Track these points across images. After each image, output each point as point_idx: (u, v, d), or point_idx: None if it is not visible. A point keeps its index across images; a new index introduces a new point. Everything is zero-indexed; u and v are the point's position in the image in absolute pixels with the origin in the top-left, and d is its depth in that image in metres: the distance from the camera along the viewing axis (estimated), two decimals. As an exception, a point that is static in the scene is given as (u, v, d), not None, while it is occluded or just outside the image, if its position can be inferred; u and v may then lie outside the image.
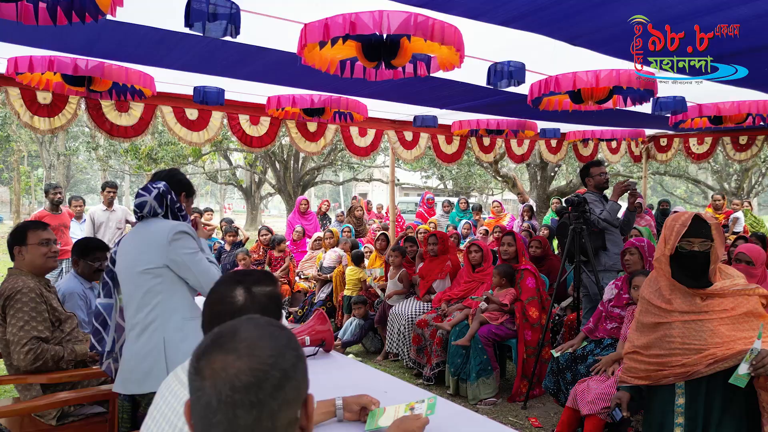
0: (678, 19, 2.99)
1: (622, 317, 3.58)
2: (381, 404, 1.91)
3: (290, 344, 0.88)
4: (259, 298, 1.44)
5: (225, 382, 0.81)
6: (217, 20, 2.70)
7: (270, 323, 0.91)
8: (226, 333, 0.88)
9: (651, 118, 5.65)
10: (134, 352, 2.26)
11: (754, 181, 17.64)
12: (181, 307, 2.30)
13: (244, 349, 0.84)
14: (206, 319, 1.43)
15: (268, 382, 0.82)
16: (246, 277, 1.50)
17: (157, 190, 2.34)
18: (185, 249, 2.27)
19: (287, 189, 16.68)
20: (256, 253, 6.90)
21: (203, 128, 5.36)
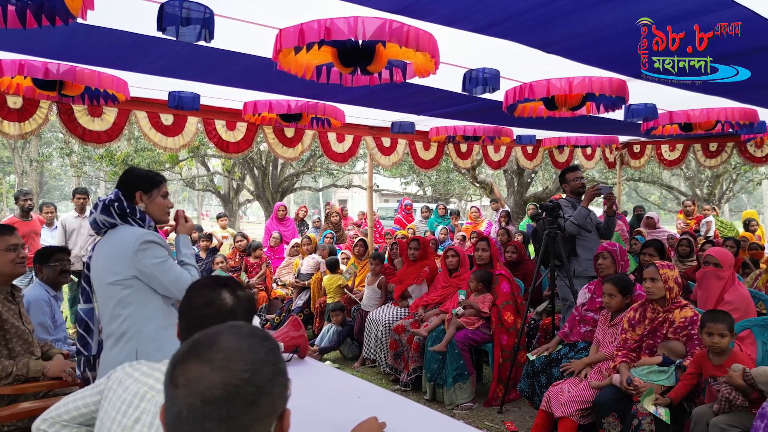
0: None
1: (596, 321, 3.63)
2: (353, 410, 1.91)
3: (269, 358, 0.86)
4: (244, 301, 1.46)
5: (197, 393, 0.80)
6: (191, 24, 2.68)
7: (252, 333, 0.89)
8: (205, 341, 0.86)
9: (624, 124, 5.75)
10: (108, 361, 2.23)
11: (725, 187, 18.04)
12: (154, 316, 2.26)
13: (220, 360, 0.82)
14: (189, 322, 1.42)
15: (240, 397, 0.80)
16: (227, 281, 1.51)
17: (102, 203, 2.27)
18: (152, 259, 2.22)
19: (266, 195, 16.56)
20: (232, 259, 6.84)
21: (178, 134, 5.30)
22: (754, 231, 7.97)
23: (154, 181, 2.40)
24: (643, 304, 3.24)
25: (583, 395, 3.11)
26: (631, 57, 3.68)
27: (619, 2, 2.76)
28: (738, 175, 17.27)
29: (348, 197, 35.55)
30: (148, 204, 2.36)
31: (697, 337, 3.00)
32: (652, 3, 2.78)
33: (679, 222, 9.31)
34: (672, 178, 20.29)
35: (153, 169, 11.25)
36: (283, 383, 0.86)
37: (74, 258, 6.23)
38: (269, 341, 0.89)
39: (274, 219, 8.49)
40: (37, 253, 3.44)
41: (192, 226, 2.59)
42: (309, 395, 2.17)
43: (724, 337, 2.75)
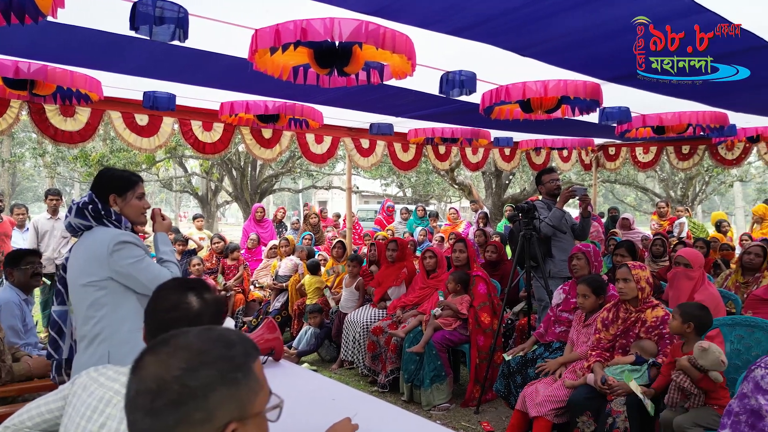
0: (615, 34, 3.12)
1: (570, 321, 3.67)
2: (328, 412, 1.90)
3: (220, 365, 0.82)
4: (212, 304, 1.44)
5: (135, 382, 0.81)
6: (164, 24, 2.65)
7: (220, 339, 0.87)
8: (167, 337, 0.87)
9: (598, 127, 5.84)
10: (81, 364, 2.20)
11: (698, 189, 18.41)
12: (128, 319, 2.23)
13: (164, 355, 0.82)
14: (154, 326, 1.40)
15: (165, 394, 0.78)
16: (194, 284, 1.49)
17: (76, 206, 2.24)
18: (128, 259, 2.19)
19: (244, 197, 16.44)
20: (209, 261, 6.77)
21: (154, 134, 5.24)
22: (725, 232, 8.15)
23: (129, 182, 2.36)
24: (616, 305, 3.29)
25: (558, 395, 3.15)
26: (605, 60, 3.75)
27: (592, 7, 2.80)
28: (710, 177, 17.64)
29: (328, 198, 35.45)
30: (122, 206, 2.33)
31: (668, 336, 3.06)
32: (624, 8, 2.83)
33: (652, 223, 9.48)
34: (647, 180, 20.65)
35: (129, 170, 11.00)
36: (230, 395, 0.82)
37: (46, 261, 6.12)
38: (234, 349, 0.85)
39: (251, 220, 8.42)
40: (8, 256, 3.37)
41: (169, 224, 2.57)
42: (285, 398, 2.16)
43: (674, 320, 2.91)
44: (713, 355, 2.62)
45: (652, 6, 2.80)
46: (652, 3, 2.76)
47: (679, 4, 2.73)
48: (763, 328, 3.17)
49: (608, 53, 3.56)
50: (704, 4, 2.75)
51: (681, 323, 2.87)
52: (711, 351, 2.62)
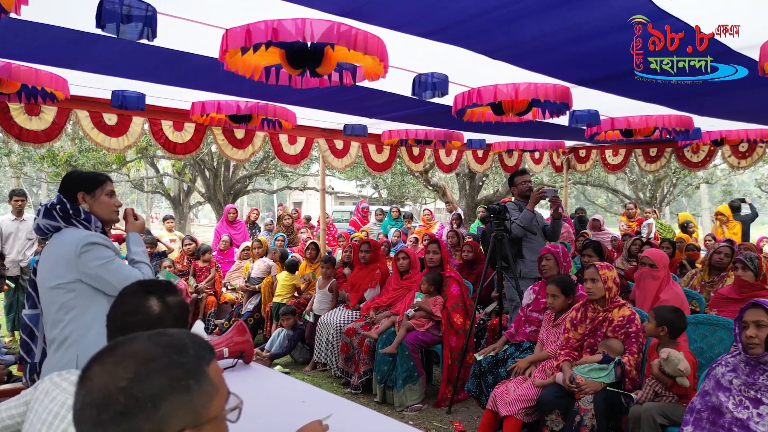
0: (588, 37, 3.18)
1: (540, 321, 3.72)
2: (298, 415, 1.89)
3: (167, 372, 0.80)
4: (173, 308, 1.41)
5: (82, 394, 0.78)
6: (132, 22, 2.61)
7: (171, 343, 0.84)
8: (114, 344, 0.84)
9: (569, 130, 5.93)
10: (49, 368, 2.15)
11: (666, 190, 18.84)
12: (97, 321, 2.18)
13: (110, 364, 0.80)
14: (114, 331, 1.38)
15: (112, 406, 0.76)
16: (156, 287, 1.46)
17: (44, 207, 2.20)
18: (96, 260, 2.15)
19: (217, 198, 16.25)
20: (180, 263, 6.67)
21: (123, 134, 5.14)
22: (691, 233, 8.36)
23: (97, 180, 2.33)
24: (584, 304, 3.35)
25: (528, 394, 3.19)
26: (574, 64, 3.82)
27: (560, 11, 2.84)
28: (678, 179, 18.07)
29: (303, 199, 35.26)
30: (92, 204, 2.29)
31: (634, 335, 3.13)
32: (593, 12, 2.88)
33: (621, 224, 9.67)
34: (617, 181, 21.05)
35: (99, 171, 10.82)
36: (182, 403, 0.80)
37: (10, 263, 5.96)
38: (185, 355, 0.83)
39: (224, 222, 8.33)
40: (-30, 259, 3.27)
41: (142, 224, 2.53)
42: (252, 401, 2.14)
43: (648, 324, 2.97)
44: (672, 364, 2.69)
45: (619, 11, 2.86)
46: (619, 8, 2.81)
47: (645, 11, 2.80)
48: (725, 326, 3.26)
49: (577, 57, 3.62)
50: (669, 11, 2.82)
51: (655, 326, 2.92)
52: (670, 360, 2.69)
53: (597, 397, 2.96)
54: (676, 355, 2.70)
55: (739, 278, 3.82)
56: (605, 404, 2.94)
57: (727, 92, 4.50)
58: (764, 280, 3.81)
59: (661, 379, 2.76)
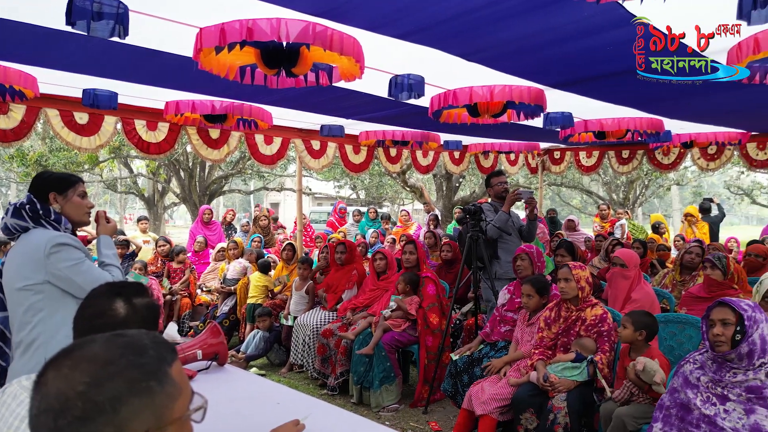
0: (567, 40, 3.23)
1: (515, 320, 3.76)
2: (273, 417, 1.88)
3: (126, 374, 0.78)
4: (140, 310, 1.39)
5: (37, 400, 0.76)
6: (103, 19, 2.56)
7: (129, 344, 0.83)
8: (70, 348, 0.82)
9: (543, 132, 6.01)
10: (16, 371, 2.10)
11: (638, 192, 19.21)
12: (66, 324, 2.13)
13: (66, 368, 0.78)
14: (81, 333, 1.35)
15: (70, 412, 0.74)
16: (124, 289, 1.43)
17: (13, 207, 2.15)
18: (65, 262, 2.11)
19: (193, 198, 16.05)
20: (154, 264, 6.57)
21: (95, 133, 5.05)
22: (662, 234, 8.53)
23: (69, 181, 2.29)
24: (558, 304, 3.40)
25: (502, 393, 3.22)
26: (548, 67, 3.87)
27: (533, 15, 2.88)
28: (650, 180, 18.43)
29: (280, 200, 35.04)
30: (63, 204, 2.25)
31: (606, 334, 3.18)
32: (566, 16, 2.92)
33: (595, 225, 9.82)
34: (591, 183, 21.38)
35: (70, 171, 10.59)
36: (144, 405, 0.79)
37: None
38: (145, 356, 0.82)
39: (199, 223, 8.23)
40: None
41: (114, 227, 2.49)
42: (227, 403, 2.13)
43: (625, 329, 2.97)
44: (649, 375, 2.74)
45: (592, 15, 2.91)
46: (593, 12, 2.86)
47: (616, 15, 2.85)
48: (693, 324, 3.33)
49: (551, 60, 3.68)
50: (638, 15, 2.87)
51: (633, 331, 2.95)
52: (647, 371, 2.74)
53: (570, 395, 3.00)
54: (652, 366, 2.74)
55: (708, 277, 3.91)
56: (578, 402, 2.98)
57: (696, 95, 4.60)
58: (732, 279, 3.90)
59: (637, 383, 2.81)
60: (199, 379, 2.39)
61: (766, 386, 2.14)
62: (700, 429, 2.22)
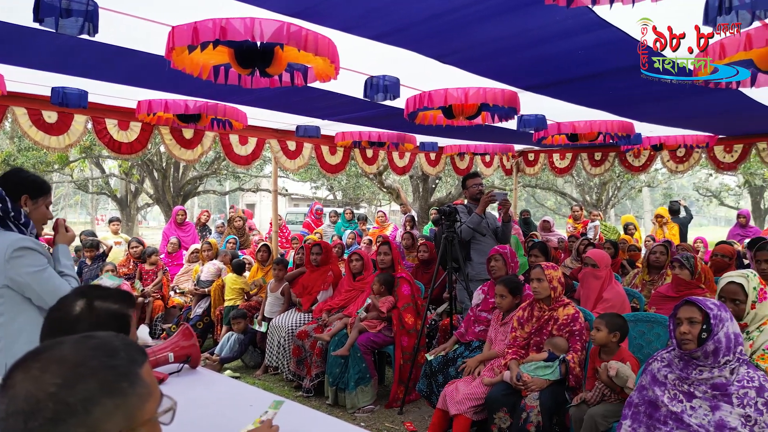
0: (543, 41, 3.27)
1: (489, 320, 3.79)
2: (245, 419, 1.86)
3: (100, 375, 0.79)
4: (99, 313, 1.35)
5: (5, 403, 0.75)
6: (72, 16, 2.52)
7: (99, 346, 0.83)
8: (38, 350, 0.81)
9: (517, 134, 6.08)
10: None
11: (611, 193, 19.56)
12: (27, 329, 2.09)
13: (35, 370, 0.77)
14: (43, 330, 1.33)
15: (41, 413, 0.74)
16: (94, 291, 1.41)
17: None
18: (27, 267, 2.05)
19: (166, 199, 15.82)
20: (126, 266, 6.46)
21: (64, 132, 4.95)
22: (632, 234, 8.70)
23: (42, 188, 2.29)
24: (531, 304, 3.44)
25: (476, 392, 3.24)
26: (521, 69, 3.92)
27: (506, 18, 2.91)
28: (622, 182, 18.77)
29: (256, 201, 34.75)
30: (32, 210, 2.23)
31: (578, 333, 3.23)
32: (538, 19, 2.96)
33: (568, 226, 9.97)
34: (565, 185, 21.69)
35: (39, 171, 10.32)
36: (116, 406, 0.79)
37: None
38: (116, 357, 0.82)
39: (172, 224, 8.12)
40: None
41: (73, 236, 2.46)
42: (198, 406, 2.10)
43: (600, 332, 2.99)
44: (622, 379, 2.78)
45: (564, 20, 2.95)
46: (565, 16, 2.90)
47: (587, 19, 2.90)
48: (661, 323, 3.40)
49: (524, 63, 3.72)
50: (610, 21, 2.93)
51: (608, 333, 2.99)
52: (619, 376, 2.78)
53: (543, 393, 3.04)
54: (625, 372, 2.79)
55: (677, 277, 4.00)
56: (550, 400, 3.02)
57: (664, 99, 4.71)
58: (699, 279, 4.00)
59: (609, 385, 2.85)
60: (170, 382, 2.36)
61: (730, 383, 2.20)
62: (668, 426, 2.27)
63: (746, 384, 2.17)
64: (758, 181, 18.20)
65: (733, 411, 2.14)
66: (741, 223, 8.52)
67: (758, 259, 3.29)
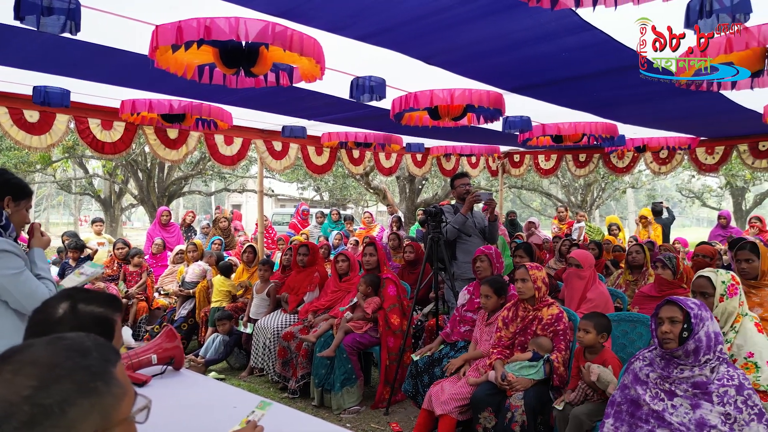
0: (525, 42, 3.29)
1: (475, 320, 3.81)
2: (228, 420, 1.85)
3: (75, 376, 0.78)
4: (82, 317, 1.34)
5: None
6: (54, 15, 2.49)
7: (72, 347, 0.82)
8: (9, 353, 0.80)
9: (503, 135, 6.11)
10: None
11: (595, 194, 19.74)
12: (5, 333, 2.06)
13: (8, 373, 0.76)
14: (26, 333, 1.31)
15: (15, 417, 0.73)
16: (79, 294, 1.39)
17: None
18: (5, 270, 2.04)
19: (151, 200, 15.68)
20: (110, 267, 6.38)
21: (46, 132, 4.89)
22: (616, 235, 8.79)
23: (25, 191, 2.30)
24: (515, 304, 3.46)
25: (462, 392, 3.25)
26: (506, 71, 3.94)
27: (491, 20, 2.93)
28: (606, 184, 18.96)
29: (242, 202, 34.55)
30: (13, 212, 2.22)
31: (562, 332, 3.25)
32: (523, 21, 2.98)
33: (553, 227, 10.04)
34: (550, 186, 21.85)
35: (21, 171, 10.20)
36: (92, 406, 0.79)
37: None
38: (89, 357, 0.81)
39: (156, 224, 8.05)
40: None
41: (48, 241, 2.47)
42: (181, 408, 2.09)
43: (588, 333, 3.00)
44: (603, 383, 2.80)
45: (548, 21, 2.97)
46: (549, 18, 2.93)
47: (570, 22, 2.92)
48: (644, 322, 3.44)
49: (509, 64, 3.74)
50: (593, 23, 2.96)
51: (596, 335, 3.00)
52: (601, 381, 2.80)
53: (527, 393, 3.06)
54: (606, 377, 2.81)
55: (659, 276, 4.05)
56: (535, 400, 3.04)
57: (647, 101, 4.76)
58: (681, 278, 4.05)
59: (592, 386, 2.87)
60: (154, 384, 2.33)
61: (711, 382, 2.23)
62: (649, 424, 2.30)
63: (726, 382, 2.20)
64: (739, 183, 18.47)
65: (714, 409, 2.17)
66: (722, 224, 8.64)
67: (738, 258, 3.33)
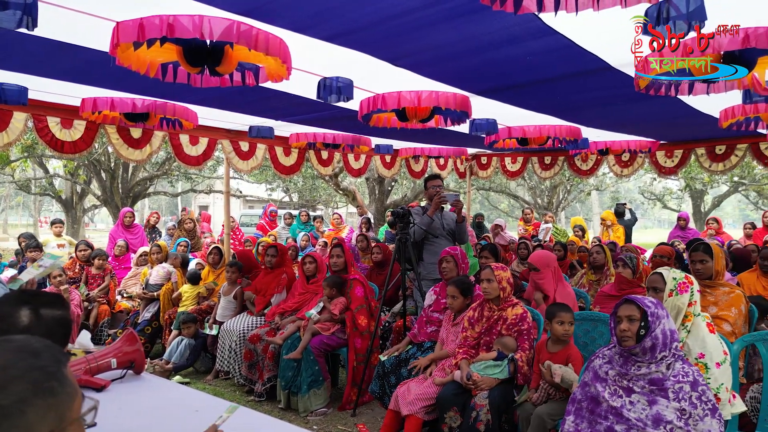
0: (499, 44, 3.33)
1: (441, 321, 3.84)
2: (190, 425, 1.82)
3: (29, 375, 0.78)
4: (47, 322, 1.31)
5: None
6: (9, 9, 2.41)
7: (23, 348, 0.82)
8: None
9: (470, 137, 6.18)
10: None
11: (561, 196, 20.11)
12: None
13: None
14: None
15: None
16: (34, 298, 1.36)
17: None
18: None
19: (115, 201, 15.30)
20: (72, 270, 6.21)
21: (2, 130, 4.73)
22: (581, 236, 8.98)
23: None
24: (481, 304, 3.49)
25: (428, 392, 3.27)
26: (473, 74, 3.99)
27: (456, 23, 2.96)
28: (571, 186, 19.33)
29: (210, 203, 34.05)
30: None
31: (526, 332, 3.30)
32: (487, 25, 3.02)
33: (519, 228, 10.19)
34: (518, 188, 22.16)
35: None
36: (48, 406, 0.79)
37: None
38: (41, 358, 0.81)
39: (119, 226, 7.87)
40: None
41: None
42: (141, 412, 2.04)
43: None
44: (567, 383, 2.85)
45: (512, 25, 3.02)
46: (513, 22, 2.97)
47: (534, 26, 2.98)
48: (605, 321, 3.52)
49: (474, 67, 3.79)
50: (556, 28, 3.02)
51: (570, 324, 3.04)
52: (564, 381, 2.84)
53: (492, 392, 3.09)
54: (569, 377, 2.86)
55: (620, 275, 4.16)
56: (500, 399, 3.08)
57: (609, 105, 4.88)
58: (640, 278, 4.16)
59: (553, 385, 2.92)
60: (113, 388, 2.28)
61: (666, 378, 2.29)
62: (608, 420, 2.35)
63: (681, 379, 2.26)
64: (698, 185, 19.06)
65: (669, 405, 2.24)
66: (681, 225, 8.90)
67: (692, 259, 3.44)
